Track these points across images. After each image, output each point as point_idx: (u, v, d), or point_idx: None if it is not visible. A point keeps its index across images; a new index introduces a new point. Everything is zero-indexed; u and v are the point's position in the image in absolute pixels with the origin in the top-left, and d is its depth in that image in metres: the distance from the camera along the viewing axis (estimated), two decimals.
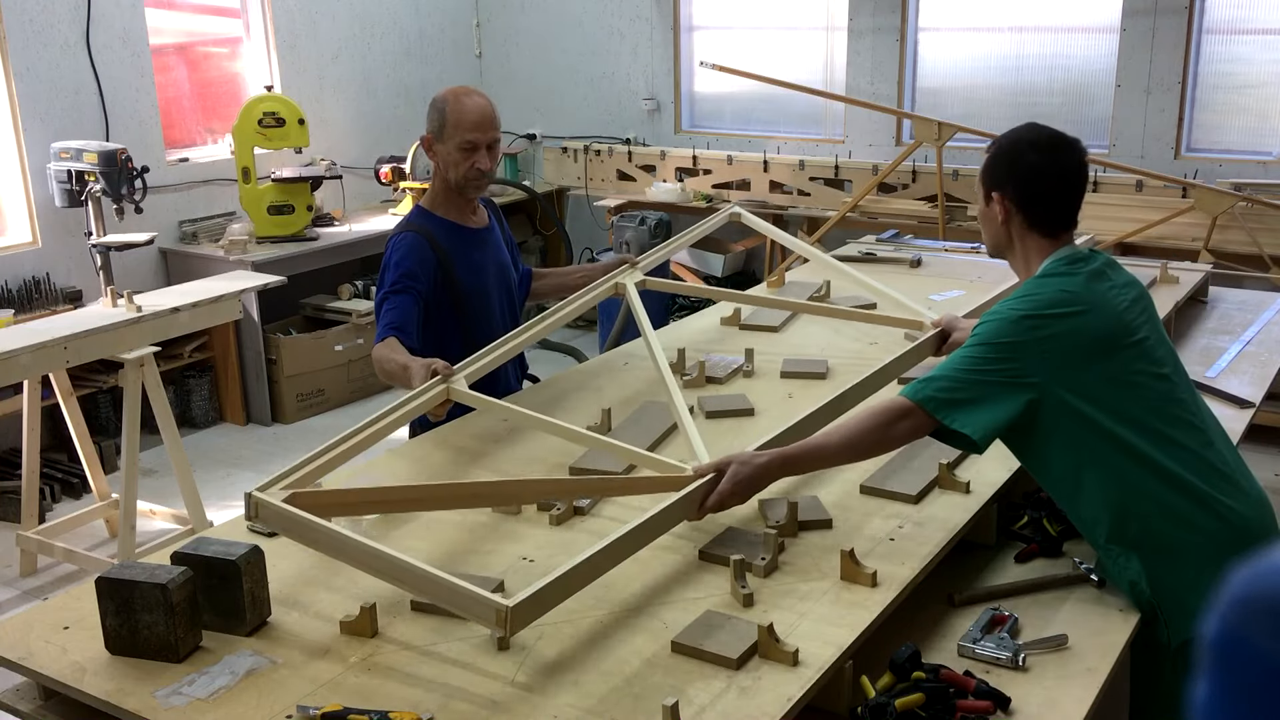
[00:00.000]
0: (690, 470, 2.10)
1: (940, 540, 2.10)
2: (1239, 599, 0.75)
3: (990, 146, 2.22)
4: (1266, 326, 3.60)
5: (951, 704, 1.75)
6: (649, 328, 2.83)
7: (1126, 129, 5.80)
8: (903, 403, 2.05)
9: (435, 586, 1.76)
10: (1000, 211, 2.17)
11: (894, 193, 6.29)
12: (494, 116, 2.85)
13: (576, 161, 7.32)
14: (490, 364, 2.67)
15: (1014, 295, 2.12)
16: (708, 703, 1.65)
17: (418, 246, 2.82)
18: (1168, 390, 2.09)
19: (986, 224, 2.24)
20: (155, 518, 4.53)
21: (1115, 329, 2.07)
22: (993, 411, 2.01)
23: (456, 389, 2.47)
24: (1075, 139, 2.18)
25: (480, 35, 7.59)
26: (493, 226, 3.03)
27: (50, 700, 1.86)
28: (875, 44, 6.38)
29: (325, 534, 1.88)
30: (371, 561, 1.83)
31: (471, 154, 2.80)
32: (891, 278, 4.05)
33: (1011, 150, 2.17)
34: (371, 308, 5.93)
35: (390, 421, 2.31)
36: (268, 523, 1.94)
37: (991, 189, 2.18)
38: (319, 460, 2.13)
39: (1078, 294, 2.07)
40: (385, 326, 2.72)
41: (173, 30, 6.04)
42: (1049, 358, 2.02)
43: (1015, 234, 2.18)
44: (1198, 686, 0.77)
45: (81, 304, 5.10)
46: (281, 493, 1.98)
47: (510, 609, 1.66)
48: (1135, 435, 2.02)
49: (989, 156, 2.20)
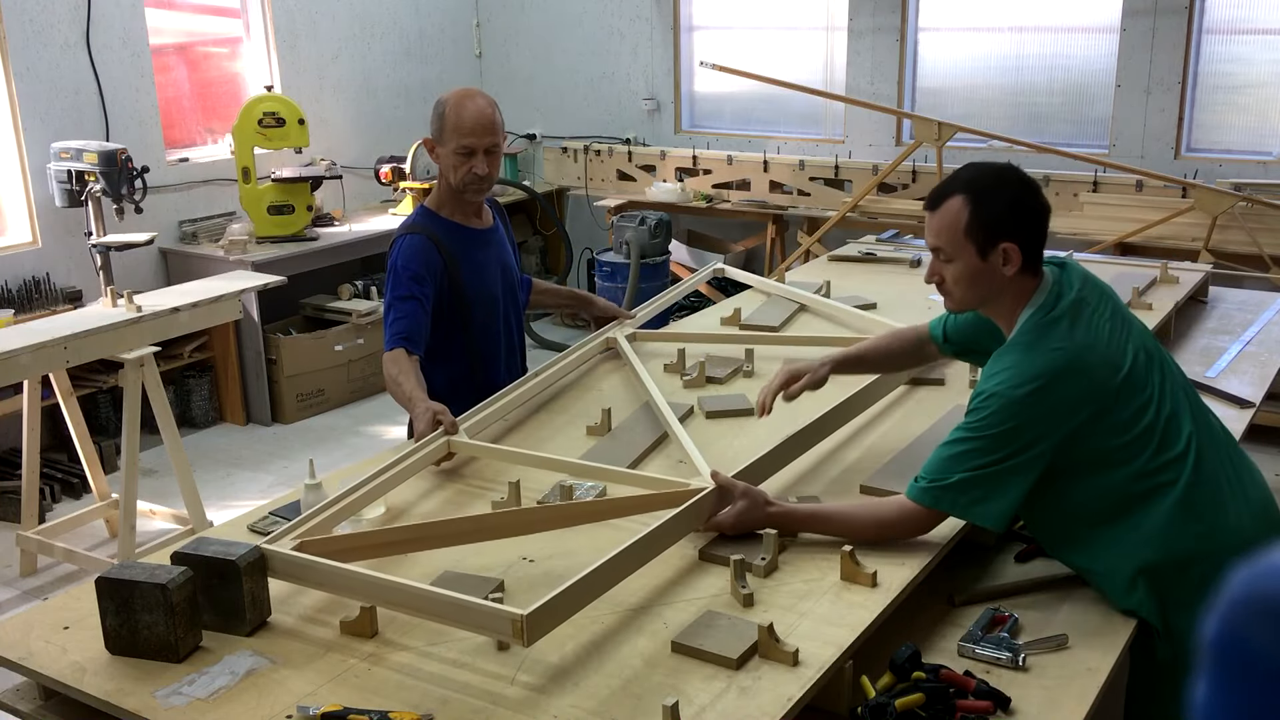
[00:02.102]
0: (703, 477, 2.17)
1: (940, 540, 2.10)
2: (1239, 599, 0.75)
3: (969, 200, 2.03)
4: (1266, 326, 3.60)
5: (951, 704, 1.75)
6: (646, 375, 2.85)
7: (1126, 129, 5.80)
8: (914, 509, 2.03)
9: (450, 607, 1.76)
10: (1013, 261, 2.03)
11: (894, 193, 6.29)
12: (494, 121, 2.80)
13: (576, 161, 7.32)
14: (492, 415, 2.67)
15: (1004, 367, 2.02)
16: (708, 703, 1.65)
17: (423, 249, 2.81)
18: (1151, 423, 2.02)
19: (979, 280, 2.06)
20: (155, 518, 4.53)
21: (1108, 375, 2.01)
22: (1012, 494, 1.99)
23: (458, 440, 2.47)
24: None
25: (480, 35, 7.59)
26: (497, 226, 3.03)
27: (50, 700, 1.86)
28: (875, 44, 6.38)
29: (336, 574, 1.87)
30: (385, 594, 1.83)
31: (469, 159, 2.78)
32: (891, 278, 4.06)
33: (1009, 197, 2.04)
34: (371, 308, 6.01)
35: (394, 474, 2.29)
36: (278, 574, 1.93)
37: (999, 241, 2.02)
38: (326, 512, 2.11)
39: (1067, 350, 2.00)
40: (394, 336, 2.72)
41: (173, 30, 6.04)
42: (1057, 423, 1.98)
43: (1013, 283, 2.06)
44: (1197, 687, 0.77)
45: (81, 304, 5.09)
46: (290, 543, 1.98)
47: (525, 617, 1.66)
48: (1127, 487, 2.01)
49: (981, 211, 2.02)
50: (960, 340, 2.46)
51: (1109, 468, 2.01)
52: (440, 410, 2.50)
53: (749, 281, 3.94)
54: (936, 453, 2.05)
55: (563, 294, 3.64)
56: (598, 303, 3.40)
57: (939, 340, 2.52)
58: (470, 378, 2.90)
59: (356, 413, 5.92)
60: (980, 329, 2.33)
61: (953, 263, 2.07)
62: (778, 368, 2.43)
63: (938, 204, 2.07)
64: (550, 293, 3.47)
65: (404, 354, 2.67)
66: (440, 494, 2.41)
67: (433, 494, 2.41)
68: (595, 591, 1.82)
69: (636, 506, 2.17)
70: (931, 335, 2.53)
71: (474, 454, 2.50)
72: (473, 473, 2.50)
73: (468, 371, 2.91)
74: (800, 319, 3.55)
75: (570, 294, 3.65)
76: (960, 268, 2.06)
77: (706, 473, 2.21)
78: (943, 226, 2.06)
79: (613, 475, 2.34)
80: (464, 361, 2.91)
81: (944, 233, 2.05)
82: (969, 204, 2.03)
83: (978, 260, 2.04)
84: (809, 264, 4.79)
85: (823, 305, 3.56)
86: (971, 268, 2.05)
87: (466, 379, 2.90)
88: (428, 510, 2.34)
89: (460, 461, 2.54)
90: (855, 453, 2.54)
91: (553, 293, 3.52)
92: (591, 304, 3.41)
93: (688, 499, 2.08)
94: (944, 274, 2.10)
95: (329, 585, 1.90)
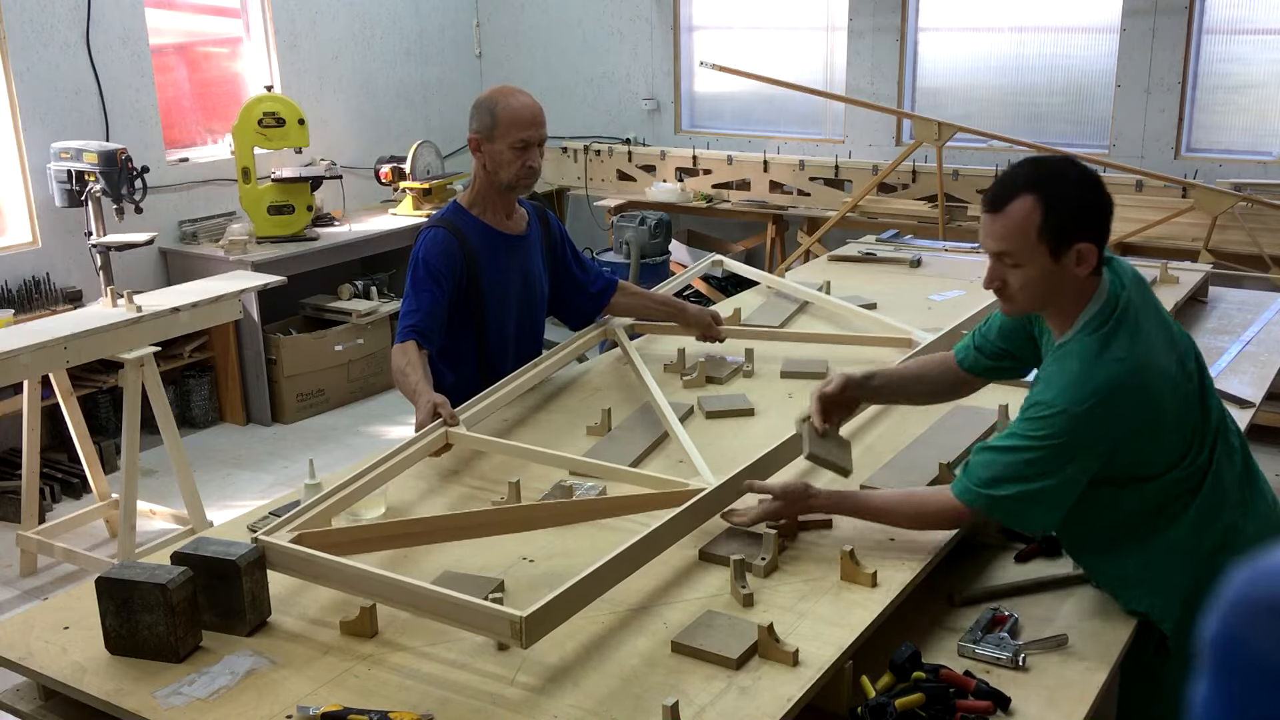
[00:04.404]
0: (702, 477, 2.16)
1: (940, 540, 2.10)
2: (1239, 599, 0.75)
3: (1040, 200, 1.89)
4: (1266, 326, 3.60)
5: (951, 704, 1.75)
6: (646, 372, 2.85)
7: (1126, 129, 5.80)
8: (959, 509, 2.00)
9: (449, 606, 1.76)
10: (1087, 261, 1.92)
11: (894, 193, 6.29)
12: (543, 114, 2.83)
13: (576, 161, 7.32)
14: (491, 405, 2.67)
15: (1068, 378, 1.92)
16: (708, 703, 1.65)
17: (448, 244, 2.81)
18: (1188, 430, 1.98)
19: (1047, 283, 1.93)
20: (155, 518, 4.53)
21: (1162, 386, 1.94)
22: (1066, 504, 1.96)
23: (456, 433, 2.47)
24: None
25: (480, 35, 7.59)
26: (528, 235, 2.98)
27: (50, 700, 1.86)
28: (875, 44, 6.38)
29: (334, 568, 1.87)
30: (383, 590, 1.83)
31: (524, 153, 2.78)
32: (891, 278, 4.06)
33: (1080, 195, 1.92)
34: (371, 308, 6.01)
35: (393, 465, 2.29)
36: (276, 566, 1.93)
37: (1074, 242, 1.90)
38: (324, 504, 2.11)
39: (1128, 362, 1.91)
40: (407, 328, 2.72)
41: (173, 30, 6.04)
42: (1113, 435, 1.92)
43: (1079, 282, 1.95)
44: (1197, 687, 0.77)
45: (81, 304, 5.09)
46: (288, 535, 1.98)
47: (524, 619, 1.66)
48: (1162, 493, 1.99)
49: (1054, 212, 1.89)
50: (994, 350, 2.26)
51: (1147, 476, 1.98)
52: (441, 402, 2.50)
53: (749, 275, 3.90)
54: (988, 455, 1.98)
55: (653, 301, 3.27)
56: (689, 311, 3.22)
57: (969, 355, 2.31)
58: (479, 380, 2.90)
59: (356, 413, 5.92)
60: (1015, 334, 2.21)
61: (1021, 268, 1.93)
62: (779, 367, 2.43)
63: (1002, 205, 1.92)
64: (638, 297, 3.24)
65: (414, 346, 2.67)
66: (440, 495, 2.41)
67: (433, 495, 2.41)
68: (594, 593, 1.82)
69: (636, 506, 2.17)
70: (958, 357, 2.33)
71: (472, 445, 2.49)
72: (473, 473, 2.50)
73: (476, 374, 2.91)
74: (800, 319, 3.55)
75: (662, 301, 3.28)
76: (1030, 272, 1.92)
77: (706, 473, 2.21)
78: (1011, 230, 1.91)
79: (613, 473, 2.34)
80: (473, 363, 2.91)
81: (1013, 236, 1.91)
82: (1040, 204, 1.89)
83: (1050, 263, 1.91)
84: (809, 264, 4.79)
85: (822, 302, 3.56)
86: (1043, 271, 1.92)
87: (475, 381, 2.90)
88: (428, 511, 2.33)
89: (461, 461, 2.54)
90: (855, 452, 2.53)
91: (641, 297, 3.25)
92: (684, 313, 3.21)
93: (687, 499, 2.08)
94: (1007, 279, 1.96)
95: (326, 579, 1.89)
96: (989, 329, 2.28)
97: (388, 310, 6.10)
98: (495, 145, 2.80)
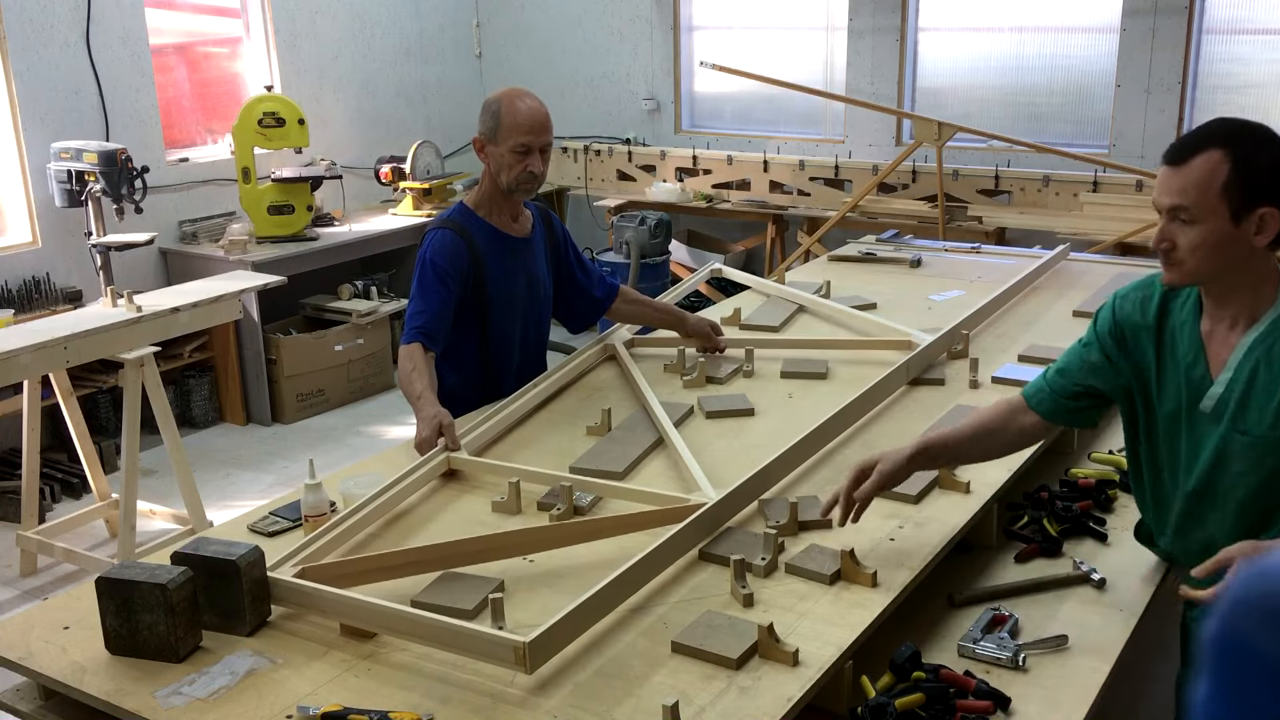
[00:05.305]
0: (702, 491, 2.17)
1: (940, 540, 2.10)
2: (1239, 599, 0.75)
3: (1229, 155, 1.78)
4: None
5: (951, 704, 1.75)
6: (645, 385, 2.85)
7: (1126, 129, 5.80)
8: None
9: (453, 634, 1.75)
10: (1268, 229, 1.81)
11: (894, 193, 6.29)
12: (548, 119, 2.82)
13: (576, 161, 7.32)
14: (492, 427, 2.66)
15: None
16: (708, 703, 1.65)
17: (455, 245, 2.81)
18: None
19: (1222, 248, 1.81)
20: (155, 518, 4.53)
21: None
22: None
23: (458, 457, 2.47)
24: None
25: (480, 35, 7.59)
26: (533, 238, 2.98)
27: (50, 700, 1.86)
28: (875, 44, 6.38)
29: (339, 602, 1.86)
30: (388, 621, 1.81)
31: (525, 157, 2.78)
32: (891, 278, 4.06)
33: (1273, 156, 1.80)
34: (371, 308, 6.01)
35: (394, 494, 2.29)
36: (282, 602, 1.92)
37: (1259, 205, 1.79)
38: (327, 536, 2.10)
39: None
40: (414, 329, 2.71)
41: (173, 30, 6.04)
42: None
43: (1257, 257, 1.84)
44: (1198, 686, 0.77)
45: (81, 304, 5.09)
46: (292, 569, 1.97)
47: (527, 645, 1.65)
48: None
49: (1243, 168, 1.78)
50: (1075, 390, 2.08)
51: None
52: (447, 424, 2.50)
53: (746, 282, 3.93)
54: None
55: (654, 309, 3.28)
56: (689, 321, 3.22)
57: (1045, 399, 2.11)
58: (481, 382, 2.90)
59: (356, 413, 5.92)
60: (1101, 370, 2.06)
61: (1195, 225, 1.81)
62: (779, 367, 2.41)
63: (1187, 157, 1.81)
64: (639, 304, 3.25)
65: (420, 349, 2.67)
66: (440, 495, 2.41)
67: (433, 495, 2.41)
68: (597, 614, 1.81)
69: (636, 524, 2.15)
70: (1032, 402, 2.13)
71: (475, 470, 2.48)
72: (473, 473, 2.50)
73: (479, 375, 2.91)
74: (800, 319, 3.55)
75: (663, 309, 3.29)
76: (1204, 231, 1.80)
77: (707, 487, 2.21)
78: (1191, 183, 1.79)
79: (612, 490, 2.32)
80: (476, 364, 2.91)
81: (1193, 189, 1.79)
82: (1229, 160, 1.78)
83: (1229, 225, 1.80)
84: (809, 264, 4.79)
85: (821, 305, 3.56)
86: (1219, 233, 1.80)
87: (477, 382, 2.90)
88: (427, 510, 2.33)
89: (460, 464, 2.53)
90: (856, 453, 2.53)
91: (642, 305, 3.26)
92: (684, 323, 3.22)
93: (688, 515, 2.07)
94: (1177, 239, 1.84)
95: (332, 613, 1.88)
96: (1068, 365, 2.11)
97: (388, 310, 6.10)
98: (498, 148, 2.80)
